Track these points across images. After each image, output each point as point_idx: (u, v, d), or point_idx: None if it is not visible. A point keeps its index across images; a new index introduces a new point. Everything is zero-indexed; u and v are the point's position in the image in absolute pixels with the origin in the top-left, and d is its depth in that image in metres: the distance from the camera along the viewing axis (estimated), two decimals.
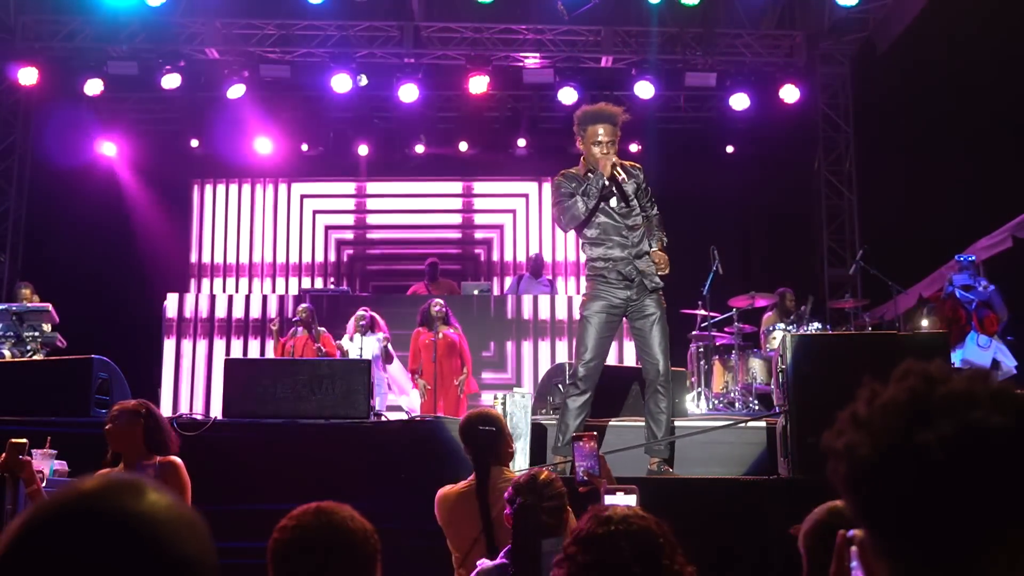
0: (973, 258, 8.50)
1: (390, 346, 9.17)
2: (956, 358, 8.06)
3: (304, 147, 13.05)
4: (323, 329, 9.36)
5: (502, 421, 3.97)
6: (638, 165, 5.64)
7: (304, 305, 9.45)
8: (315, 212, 13.87)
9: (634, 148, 13.13)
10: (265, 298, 11.46)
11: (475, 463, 3.81)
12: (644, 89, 11.90)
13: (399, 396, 9.48)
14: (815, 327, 8.88)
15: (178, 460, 4.01)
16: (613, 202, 5.44)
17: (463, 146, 13.09)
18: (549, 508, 3.09)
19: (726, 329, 9.34)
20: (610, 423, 5.99)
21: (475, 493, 3.70)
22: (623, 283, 5.35)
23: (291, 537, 1.88)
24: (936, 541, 0.97)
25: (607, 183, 5.32)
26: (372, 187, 13.93)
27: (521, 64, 12.23)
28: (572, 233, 5.87)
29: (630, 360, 9.82)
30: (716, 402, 8.88)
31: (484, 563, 3.17)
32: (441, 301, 9.05)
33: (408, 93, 11.94)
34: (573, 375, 5.44)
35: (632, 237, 5.41)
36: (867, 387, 1.08)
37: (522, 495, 3.09)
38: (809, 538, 2.26)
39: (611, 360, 10.30)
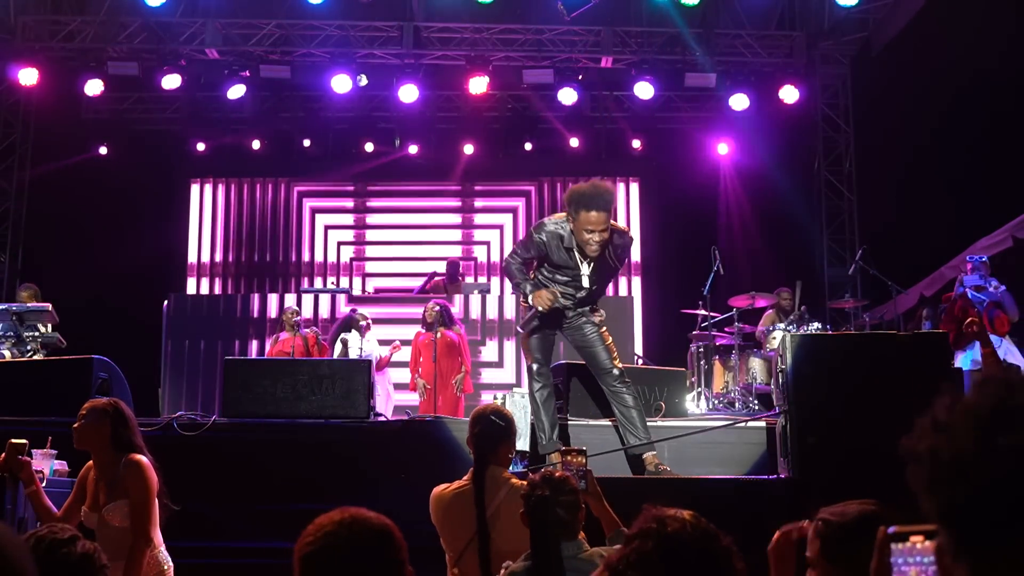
0: (985, 258, 8.47)
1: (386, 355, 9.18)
2: (967, 358, 8.05)
3: (306, 143, 13.02)
4: (311, 330, 9.36)
5: (513, 424, 3.96)
6: (627, 233, 5.53)
7: (290, 306, 9.50)
8: (315, 212, 13.87)
9: (636, 144, 13.10)
10: (265, 298, 11.45)
11: (475, 455, 3.79)
12: (644, 89, 11.90)
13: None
14: (815, 327, 8.87)
15: (143, 459, 3.97)
16: (585, 270, 5.40)
17: (468, 148, 13.08)
18: (565, 503, 3.12)
19: (726, 329, 9.33)
20: (606, 423, 5.98)
21: (471, 491, 3.69)
22: (559, 312, 5.49)
23: (317, 548, 1.83)
24: (1016, 541, 0.99)
25: (535, 317, 5.39)
26: (372, 187, 13.93)
27: (521, 64, 12.23)
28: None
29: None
30: (716, 402, 8.88)
31: (509, 564, 3.18)
32: (435, 304, 9.00)
33: (408, 93, 11.94)
34: (529, 372, 5.59)
35: (583, 296, 5.50)
36: (946, 394, 1.11)
37: (539, 489, 3.11)
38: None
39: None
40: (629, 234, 5.57)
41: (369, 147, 13.22)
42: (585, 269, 5.39)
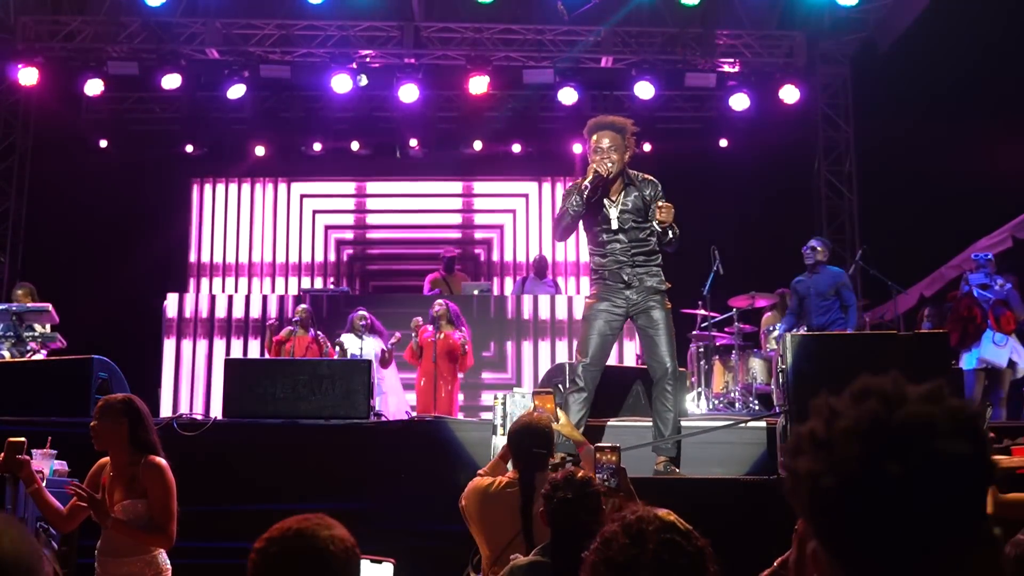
0: (990, 256, 8.47)
1: (391, 353, 9.18)
2: (972, 357, 8.05)
3: (317, 146, 13.03)
4: (321, 333, 9.36)
5: (552, 439, 3.98)
6: (652, 179, 5.61)
7: (303, 306, 9.44)
8: (315, 212, 13.87)
9: (648, 148, 13.02)
10: (265, 298, 11.45)
11: (521, 472, 3.85)
12: (644, 89, 11.90)
13: (388, 398, 9.40)
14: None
15: (163, 461, 3.96)
16: (613, 212, 5.44)
17: (477, 145, 13.03)
18: (587, 505, 3.13)
19: (726, 329, 9.33)
20: (610, 422, 5.98)
21: (518, 494, 3.75)
22: (623, 285, 5.40)
23: (267, 559, 1.86)
24: (894, 562, 0.99)
25: (588, 186, 5.32)
26: (372, 187, 13.93)
27: (521, 64, 12.22)
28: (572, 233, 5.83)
29: (630, 360, 9.82)
30: (716, 402, 8.87)
31: (518, 558, 3.18)
32: (442, 301, 9.03)
33: (408, 93, 11.94)
34: (573, 373, 5.48)
35: (632, 248, 5.44)
36: (824, 406, 1.07)
37: (561, 492, 3.11)
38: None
39: (611, 360, 10.32)
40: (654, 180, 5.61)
41: (368, 147, 13.20)
42: (614, 212, 5.45)
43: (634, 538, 1.84)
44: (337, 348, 9.08)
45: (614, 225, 5.44)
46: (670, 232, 5.39)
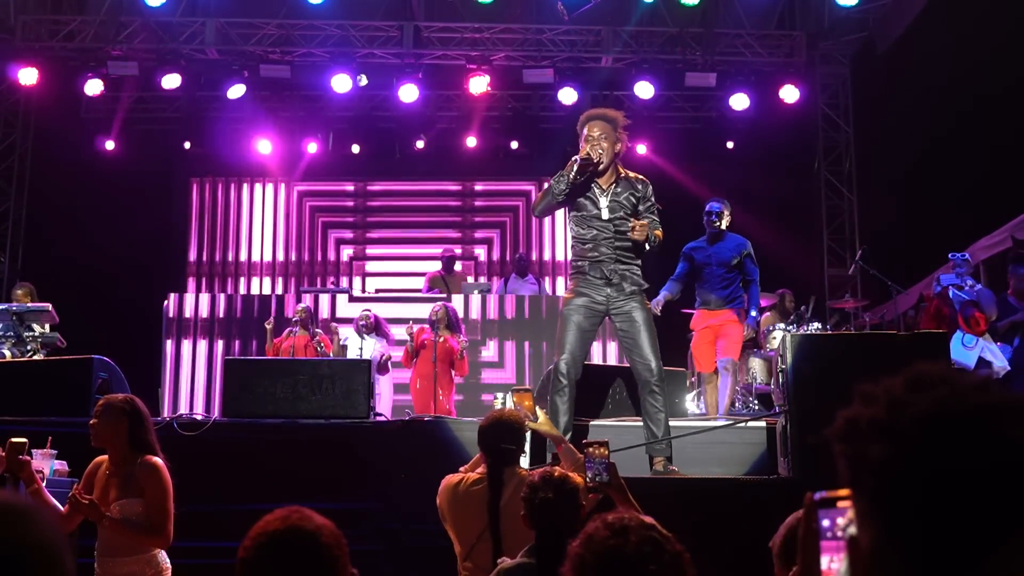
0: (967, 256, 8.48)
1: (390, 361, 9.18)
2: None
3: (313, 148, 13.05)
4: (320, 331, 9.37)
5: (524, 435, 3.98)
6: (644, 179, 5.61)
7: (302, 305, 9.44)
8: (315, 212, 13.87)
9: (642, 150, 13.02)
10: (265, 298, 11.45)
11: (489, 466, 3.83)
12: (644, 89, 11.90)
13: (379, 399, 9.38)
14: (815, 327, 8.87)
15: (159, 461, 3.97)
16: (603, 201, 5.43)
17: (471, 141, 13.04)
18: (569, 503, 3.13)
19: None
20: (593, 422, 5.96)
21: (487, 490, 3.74)
22: (603, 281, 5.37)
23: (258, 553, 1.86)
24: (964, 551, 0.97)
25: (577, 167, 5.28)
26: (372, 187, 13.94)
27: (521, 64, 12.23)
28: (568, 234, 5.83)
29: (612, 359, 9.80)
30: None
31: (505, 561, 3.18)
32: (441, 305, 8.99)
33: (408, 93, 11.95)
34: (554, 372, 5.40)
35: (618, 241, 5.40)
36: (880, 393, 1.06)
37: (542, 492, 3.10)
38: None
39: (597, 360, 10.31)
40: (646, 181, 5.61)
41: (368, 148, 13.21)
42: (604, 200, 5.43)
43: (616, 532, 1.89)
44: (333, 339, 9.08)
45: (604, 215, 5.41)
46: (647, 246, 5.40)
